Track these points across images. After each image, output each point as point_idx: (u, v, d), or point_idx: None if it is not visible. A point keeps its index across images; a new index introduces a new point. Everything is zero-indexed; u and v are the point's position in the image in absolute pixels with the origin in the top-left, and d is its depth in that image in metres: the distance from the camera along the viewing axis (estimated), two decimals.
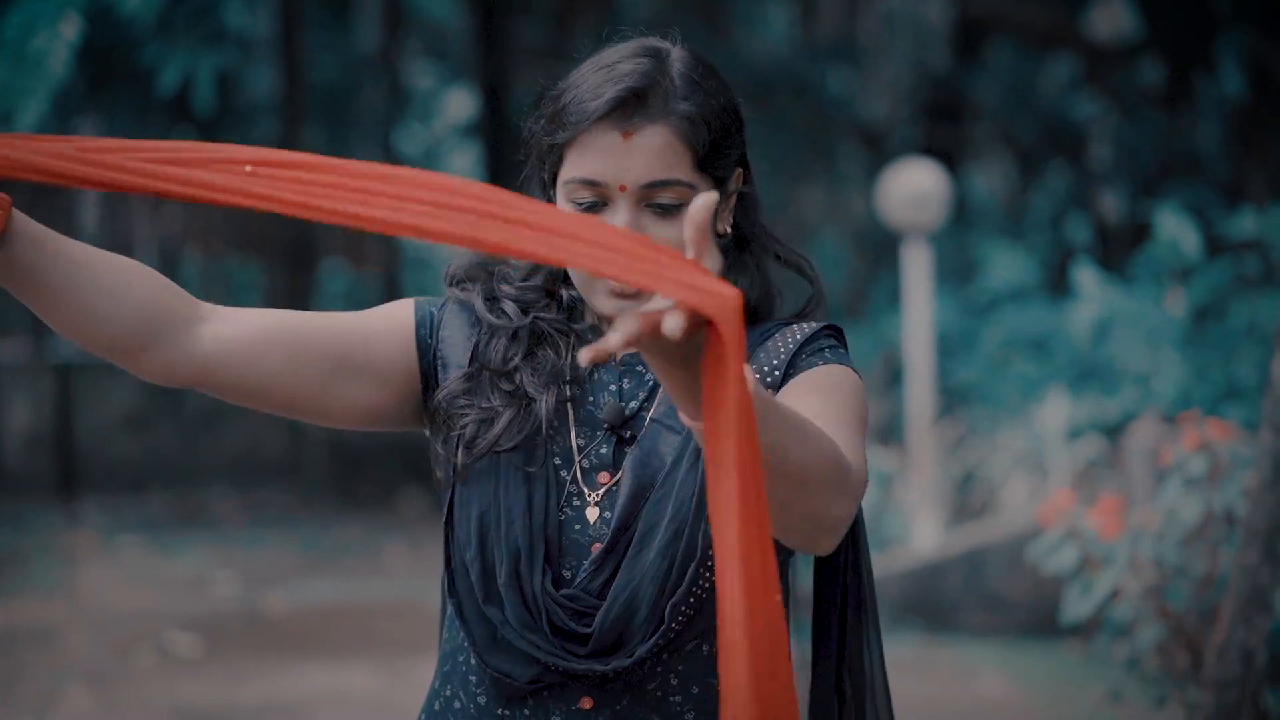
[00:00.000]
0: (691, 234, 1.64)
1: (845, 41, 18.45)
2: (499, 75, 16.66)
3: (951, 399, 11.66)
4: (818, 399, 2.15)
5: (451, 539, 2.25)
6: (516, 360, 2.27)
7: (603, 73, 2.20)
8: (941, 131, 17.03)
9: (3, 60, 7.28)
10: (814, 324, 2.30)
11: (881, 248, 16.21)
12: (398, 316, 2.30)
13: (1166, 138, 15.28)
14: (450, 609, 2.30)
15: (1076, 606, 5.07)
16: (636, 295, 2.17)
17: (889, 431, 11.65)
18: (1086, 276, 10.61)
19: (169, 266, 16.33)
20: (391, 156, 17.36)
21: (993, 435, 10.25)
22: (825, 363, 2.24)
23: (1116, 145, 15.70)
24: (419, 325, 2.29)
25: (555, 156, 2.21)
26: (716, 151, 2.21)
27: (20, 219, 2.06)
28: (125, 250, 16.11)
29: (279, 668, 8.02)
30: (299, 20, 15.81)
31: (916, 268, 9.66)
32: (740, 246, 2.32)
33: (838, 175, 18.99)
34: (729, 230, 2.29)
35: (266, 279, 16.78)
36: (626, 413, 2.25)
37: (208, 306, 2.21)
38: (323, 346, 2.23)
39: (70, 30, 7.36)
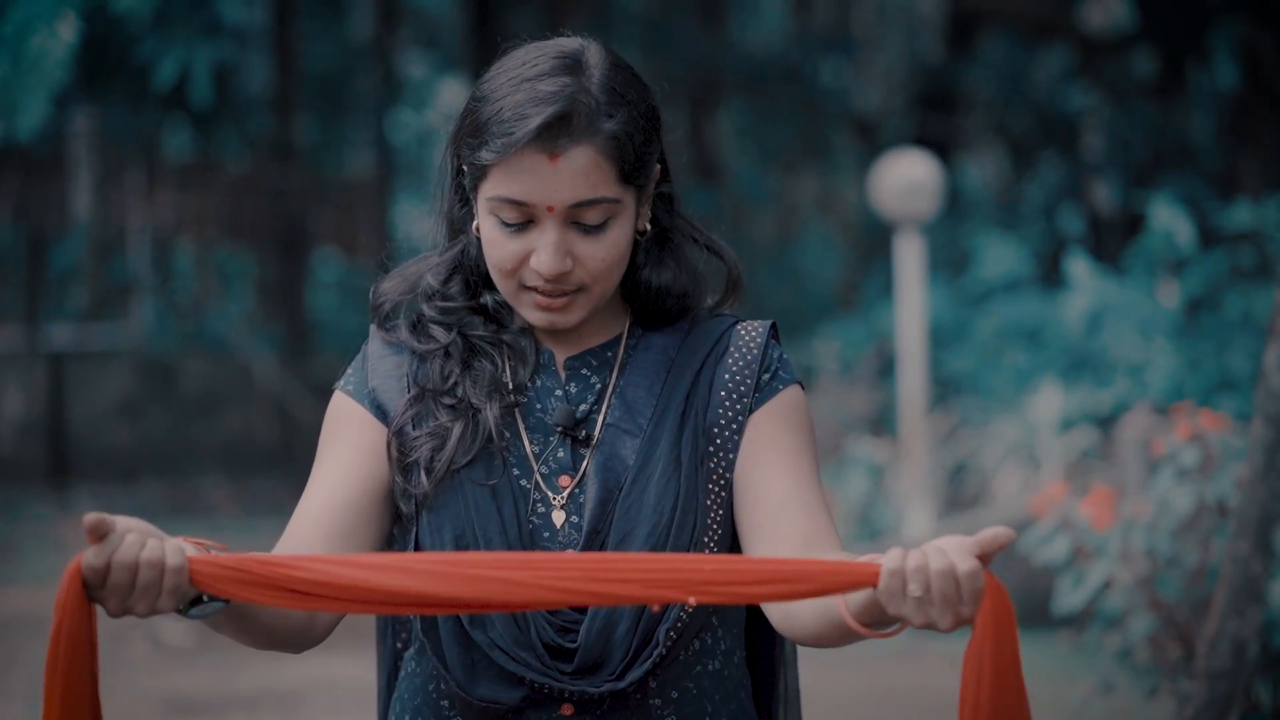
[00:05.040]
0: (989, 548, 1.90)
1: (839, 32, 18.45)
2: (491, 65, 16.62)
3: (944, 390, 11.66)
4: (794, 479, 2.23)
5: None
6: (455, 375, 2.26)
7: (524, 90, 2.18)
8: (934, 122, 17.02)
9: (2, 59, 7.29)
10: (760, 326, 2.31)
11: (874, 238, 16.21)
12: (355, 422, 2.28)
13: (1160, 129, 15.29)
14: (417, 644, 2.31)
15: (1068, 597, 5.08)
16: (563, 309, 2.21)
17: (881, 422, 11.65)
18: (1079, 267, 10.61)
19: (162, 255, 16.31)
20: (384, 145, 17.34)
21: (985, 426, 10.25)
22: (783, 384, 2.28)
23: (1110, 136, 15.70)
24: (372, 409, 2.28)
25: (478, 172, 2.21)
26: (640, 162, 2.21)
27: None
28: (118, 239, 16.10)
29: (270, 658, 8.02)
30: (293, 11, 15.79)
31: (909, 258, 9.65)
32: (661, 242, 2.31)
33: (831, 166, 19.00)
34: (648, 227, 2.28)
35: (259, 268, 16.76)
36: (578, 415, 2.25)
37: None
38: (358, 499, 2.24)
39: (68, 31, 7.37)
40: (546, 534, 2.22)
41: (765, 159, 19.09)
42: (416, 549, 2.23)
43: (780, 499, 2.21)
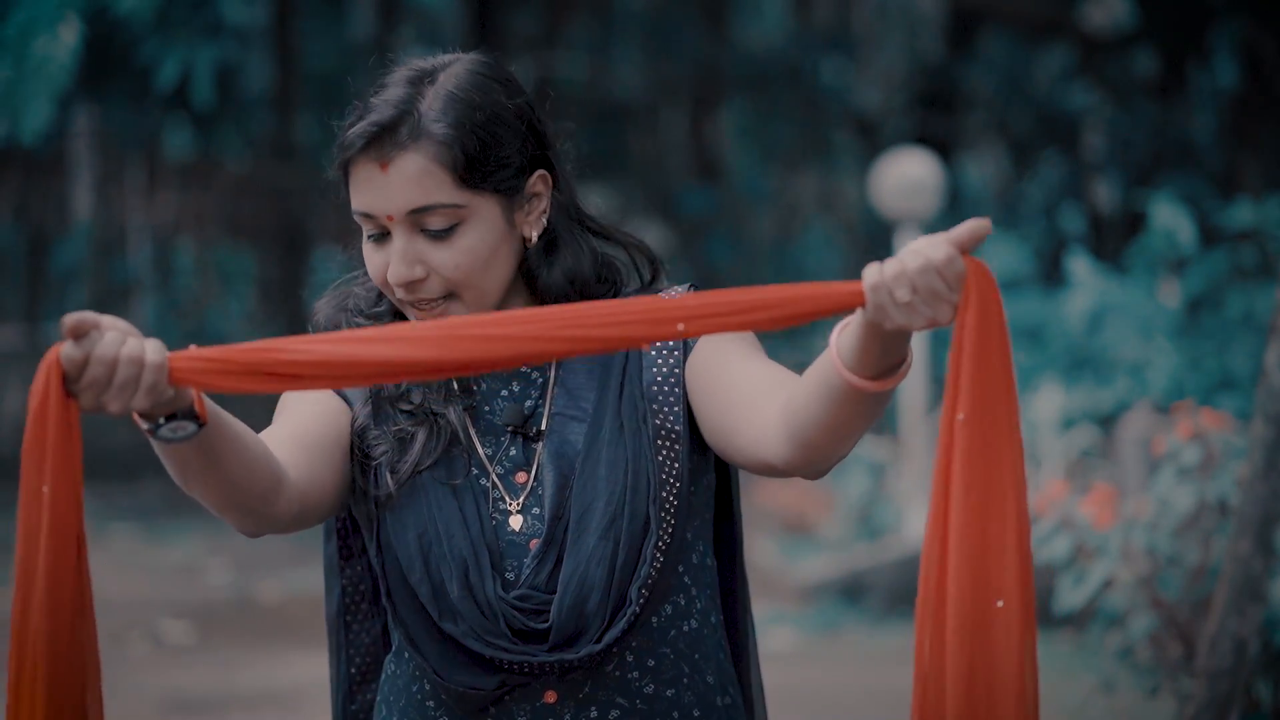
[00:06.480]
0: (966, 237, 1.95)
1: (840, 31, 18.46)
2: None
3: (944, 388, 11.65)
4: (756, 361, 2.25)
5: (386, 569, 2.26)
6: (406, 382, 2.28)
7: (365, 105, 2.24)
8: (935, 121, 17.03)
9: (4, 63, 7.29)
10: (682, 286, 2.32)
11: (875, 236, 16.22)
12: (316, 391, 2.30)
13: (1160, 128, 15.29)
14: (395, 642, 2.33)
15: (1069, 596, 5.07)
16: (439, 312, 2.23)
17: (881, 422, 11.64)
18: (1080, 266, 10.61)
19: (163, 254, 16.31)
20: None
21: None
22: None
23: (1110, 135, 15.70)
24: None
25: (343, 183, 2.26)
26: (480, 166, 2.20)
27: (207, 403, 2.01)
28: (119, 238, 16.09)
29: (271, 656, 8.02)
30: (293, 10, 15.79)
31: None
32: (551, 246, 2.30)
33: (831, 164, 19.01)
34: (535, 237, 2.27)
35: (260, 267, 16.76)
36: (525, 412, 2.28)
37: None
38: (324, 432, 2.26)
39: (70, 34, 7.37)
40: (510, 528, 2.25)
41: (766, 158, 19.09)
42: (380, 548, 2.26)
43: (755, 375, 2.21)
